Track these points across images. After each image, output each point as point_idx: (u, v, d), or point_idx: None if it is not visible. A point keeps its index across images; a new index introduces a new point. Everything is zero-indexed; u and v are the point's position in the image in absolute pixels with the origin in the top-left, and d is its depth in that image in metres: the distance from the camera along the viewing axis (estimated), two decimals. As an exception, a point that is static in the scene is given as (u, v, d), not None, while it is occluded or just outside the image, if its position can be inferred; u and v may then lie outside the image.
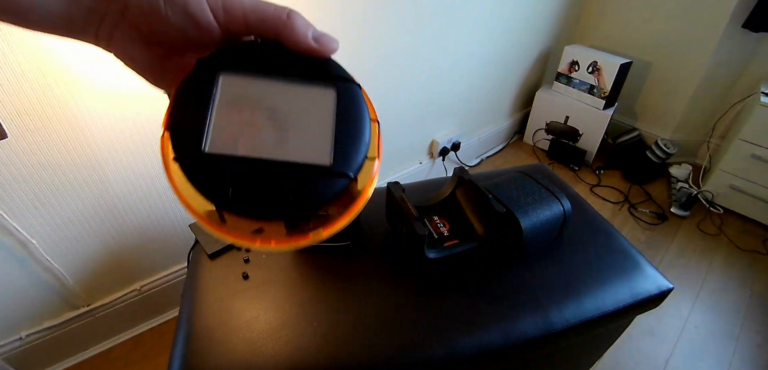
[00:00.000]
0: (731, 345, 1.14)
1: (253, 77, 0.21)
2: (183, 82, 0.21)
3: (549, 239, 0.64)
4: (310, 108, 0.21)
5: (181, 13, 0.19)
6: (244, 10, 0.20)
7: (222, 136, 0.19)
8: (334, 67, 0.22)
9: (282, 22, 0.21)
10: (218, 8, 0.20)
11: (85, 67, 0.71)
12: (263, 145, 0.20)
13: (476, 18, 1.37)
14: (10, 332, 0.87)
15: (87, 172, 0.80)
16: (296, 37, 0.21)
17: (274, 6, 0.21)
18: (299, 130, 0.20)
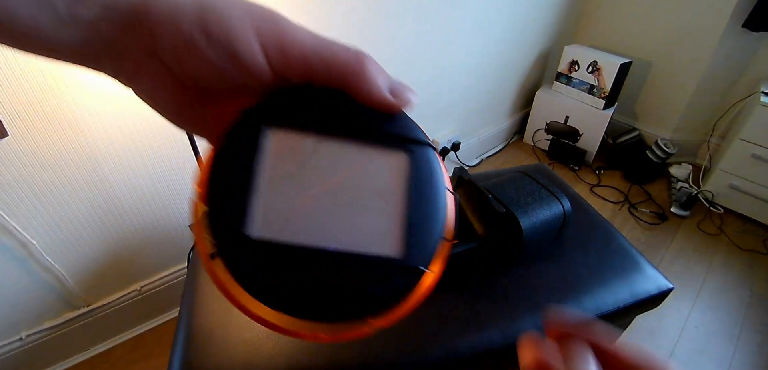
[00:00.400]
0: (731, 345, 1.14)
1: (309, 135, 0.17)
2: (222, 141, 0.17)
3: (549, 238, 0.64)
4: (377, 178, 0.17)
5: (224, 53, 0.16)
6: (305, 53, 0.16)
7: (270, 218, 0.16)
8: (406, 125, 0.18)
9: (352, 69, 0.17)
10: (272, 48, 0.16)
11: (86, 68, 0.70)
12: (320, 230, 0.16)
13: (476, 18, 1.37)
14: (10, 332, 0.87)
15: (87, 172, 0.80)
16: (368, 89, 0.17)
17: (343, 48, 0.17)
18: (364, 209, 0.17)
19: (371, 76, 0.17)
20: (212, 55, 0.16)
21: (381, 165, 0.17)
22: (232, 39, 0.15)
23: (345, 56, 0.17)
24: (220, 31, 0.15)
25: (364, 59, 0.17)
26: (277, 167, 0.16)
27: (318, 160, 0.17)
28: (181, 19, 0.15)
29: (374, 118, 0.18)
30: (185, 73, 0.16)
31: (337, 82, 0.17)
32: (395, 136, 0.18)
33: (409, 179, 0.17)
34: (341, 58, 0.16)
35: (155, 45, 0.16)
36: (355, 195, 0.17)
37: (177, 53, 0.16)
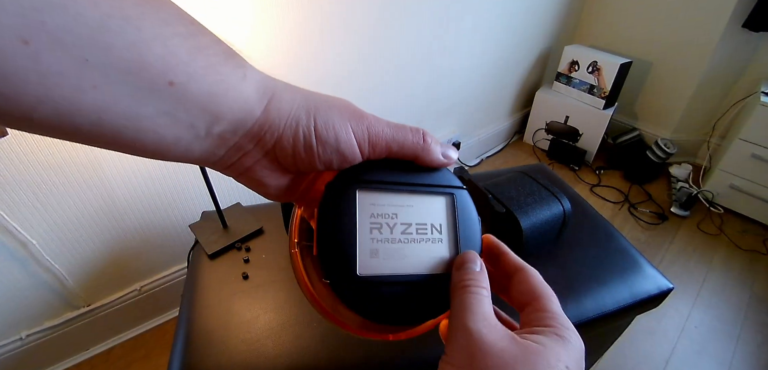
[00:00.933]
0: (731, 345, 1.14)
1: (385, 191, 0.23)
2: (324, 203, 0.22)
3: (549, 239, 0.64)
4: (435, 216, 0.24)
5: (332, 150, 0.20)
6: (387, 142, 0.22)
7: (368, 258, 0.22)
8: (447, 176, 0.25)
9: (420, 147, 0.22)
10: (365, 143, 0.21)
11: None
12: (403, 261, 0.22)
13: (476, 18, 1.37)
14: (10, 332, 0.87)
15: (87, 172, 0.80)
16: (431, 159, 0.23)
17: (411, 133, 0.22)
18: (428, 241, 0.23)
19: (433, 150, 0.23)
20: (322, 153, 0.20)
21: (435, 206, 0.24)
22: (338, 141, 0.20)
23: (413, 139, 0.22)
24: (327, 135, 0.20)
25: (427, 138, 0.23)
26: (366, 219, 0.22)
27: (392, 210, 0.23)
28: (297, 129, 0.20)
29: (423, 171, 0.24)
30: (295, 165, 0.21)
31: (409, 157, 0.23)
32: (442, 185, 0.24)
33: (454, 215, 0.24)
34: (411, 142, 0.22)
35: (275, 150, 0.20)
36: (421, 230, 0.23)
37: (295, 155, 0.20)
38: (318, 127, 0.20)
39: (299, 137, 0.20)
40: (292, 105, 0.20)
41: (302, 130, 0.20)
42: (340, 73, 1.09)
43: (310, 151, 0.20)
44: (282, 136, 0.20)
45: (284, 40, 0.92)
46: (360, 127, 0.21)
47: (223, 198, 1.04)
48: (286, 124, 0.20)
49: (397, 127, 0.22)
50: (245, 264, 0.64)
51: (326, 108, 0.20)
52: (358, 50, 1.09)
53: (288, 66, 0.97)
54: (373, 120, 0.22)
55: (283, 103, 0.20)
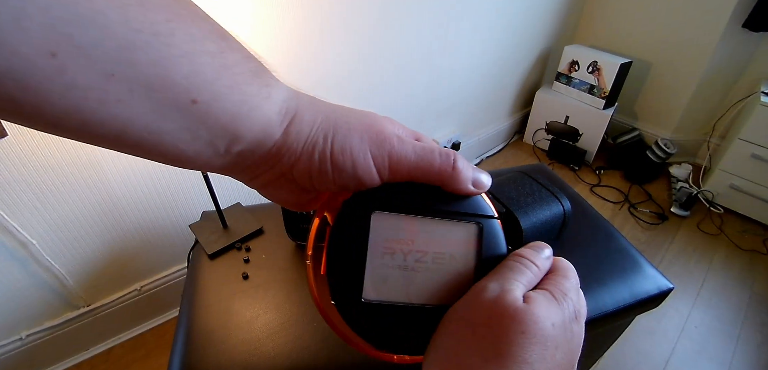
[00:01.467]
0: (731, 345, 1.14)
1: (403, 215, 0.22)
2: (337, 223, 0.21)
3: (549, 238, 0.64)
4: (455, 246, 0.22)
5: (349, 176, 0.20)
6: (410, 168, 0.20)
7: (377, 283, 0.21)
8: (479, 204, 0.23)
9: (448, 174, 0.21)
10: (384, 168, 0.20)
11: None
12: (414, 290, 0.21)
13: (476, 18, 1.37)
14: (10, 332, 0.87)
15: (87, 172, 0.80)
16: (458, 187, 0.21)
17: (439, 157, 0.21)
18: (444, 271, 0.22)
19: (461, 177, 0.21)
20: (338, 178, 0.20)
21: (457, 235, 0.22)
22: (355, 167, 0.20)
23: (440, 164, 0.21)
24: (343, 161, 0.19)
25: (457, 164, 0.21)
26: (379, 243, 0.21)
27: (409, 235, 0.21)
28: (312, 153, 0.19)
29: (453, 199, 0.22)
30: (312, 185, 0.21)
31: (436, 183, 0.21)
32: (469, 213, 0.22)
33: (478, 245, 0.22)
34: (437, 166, 0.21)
35: (292, 172, 0.20)
36: (438, 262, 0.22)
37: (311, 178, 0.20)
38: (334, 152, 0.19)
39: (315, 161, 0.19)
40: (312, 127, 0.20)
41: (318, 154, 0.19)
42: (341, 73, 1.09)
43: (325, 176, 0.20)
44: (299, 160, 0.20)
45: (284, 39, 0.92)
46: (381, 151, 0.20)
47: (223, 198, 1.04)
48: (303, 148, 0.19)
49: (424, 151, 0.21)
50: (245, 264, 0.64)
51: (346, 130, 0.20)
52: (358, 50, 1.09)
53: (288, 66, 0.97)
54: (397, 143, 0.20)
55: (303, 125, 0.19)
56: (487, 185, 0.22)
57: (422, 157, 0.20)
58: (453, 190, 0.21)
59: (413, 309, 0.21)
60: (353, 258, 0.21)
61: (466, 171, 0.21)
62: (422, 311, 0.21)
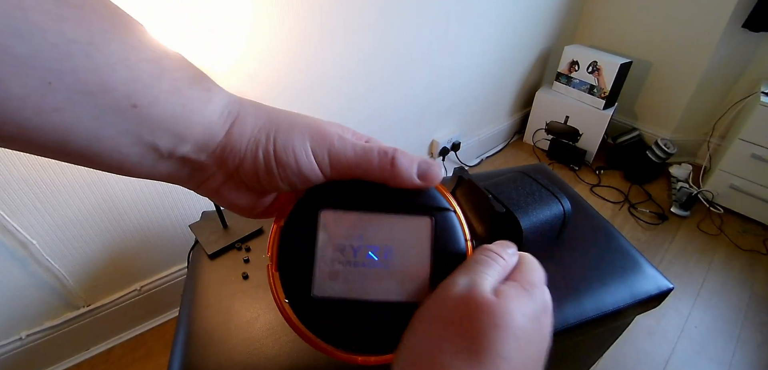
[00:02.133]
0: (731, 345, 1.14)
1: (353, 212, 0.22)
2: (287, 223, 0.22)
3: (549, 238, 0.64)
4: (407, 241, 0.22)
5: (293, 173, 0.20)
6: (349, 165, 0.21)
7: (327, 279, 0.21)
8: (433, 196, 0.23)
9: (387, 172, 0.21)
10: (325, 164, 0.21)
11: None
12: (366, 286, 0.21)
13: (476, 18, 1.37)
14: (10, 332, 0.87)
15: (87, 172, 0.80)
16: (402, 182, 0.21)
17: (378, 155, 0.21)
18: (398, 266, 0.21)
19: (403, 172, 0.21)
20: (282, 174, 0.20)
21: (410, 229, 0.22)
22: (298, 163, 0.20)
23: (380, 163, 0.21)
24: (287, 157, 0.20)
25: (396, 160, 0.21)
26: (329, 240, 0.21)
27: (360, 231, 0.21)
28: (256, 152, 0.20)
29: (406, 195, 0.22)
30: (260, 186, 0.21)
31: (378, 181, 0.21)
32: (423, 205, 0.22)
33: (433, 239, 0.22)
34: (376, 163, 0.21)
35: (239, 173, 0.20)
36: (391, 256, 0.21)
37: (257, 177, 0.20)
38: (277, 149, 0.20)
39: (259, 160, 0.20)
40: (254, 127, 0.20)
41: (261, 153, 0.20)
42: (341, 74, 1.09)
43: (271, 174, 0.20)
44: (244, 159, 0.20)
45: (284, 40, 0.92)
46: (321, 148, 0.21)
47: (223, 198, 1.04)
48: (247, 147, 0.20)
49: (364, 150, 0.21)
50: (245, 264, 0.64)
51: (288, 128, 0.20)
52: (359, 50, 1.09)
53: (288, 66, 0.97)
54: (338, 140, 0.21)
55: (246, 126, 0.20)
56: (437, 177, 0.22)
57: (361, 155, 0.21)
58: (396, 185, 0.21)
59: (367, 305, 0.21)
60: (302, 255, 0.21)
61: (407, 166, 0.21)
62: (377, 306, 0.21)
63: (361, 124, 1.24)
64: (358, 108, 1.20)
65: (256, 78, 0.93)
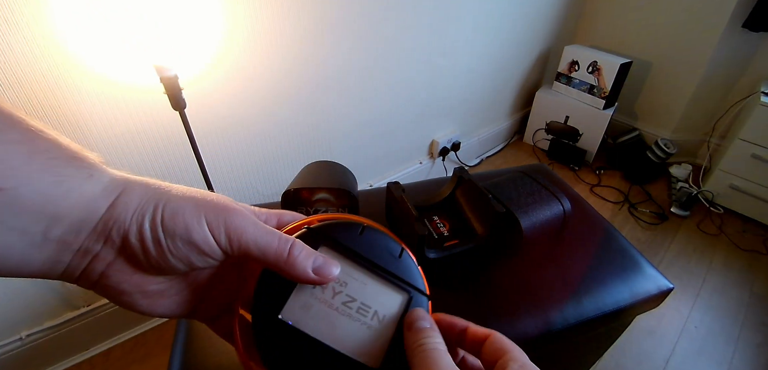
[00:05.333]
0: (731, 345, 1.14)
1: (346, 258, 0.23)
2: (260, 277, 0.22)
3: (549, 238, 0.64)
4: (381, 307, 0.22)
5: (184, 244, 0.19)
6: (247, 242, 0.20)
7: (299, 308, 0.21)
8: (413, 274, 0.24)
9: (283, 260, 0.20)
10: (221, 237, 0.20)
11: (85, 68, 0.71)
12: (331, 331, 0.21)
13: (476, 18, 1.37)
14: (10, 332, 0.87)
15: (87, 172, 0.80)
16: (297, 274, 0.21)
17: (277, 242, 0.20)
18: (364, 327, 0.22)
19: (296, 265, 0.21)
20: (173, 248, 0.19)
21: (386, 297, 0.23)
22: (189, 232, 0.19)
23: (278, 250, 0.20)
24: (175, 225, 0.19)
25: (293, 252, 0.21)
26: (303, 298, 0.22)
27: (344, 276, 0.22)
28: (142, 222, 0.18)
29: (392, 258, 0.23)
30: (148, 265, 0.19)
31: (272, 266, 0.21)
32: (404, 282, 0.23)
33: (402, 315, 0.22)
34: (273, 251, 0.20)
35: (125, 248, 0.19)
36: (362, 311, 0.22)
37: (145, 252, 0.19)
38: (164, 217, 0.18)
39: (145, 230, 0.18)
40: (142, 198, 0.19)
41: (148, 222, 0.18)
42: (340, 75, 1.09)
43: (159, 246, 0.18)
44: (128, 231, 0.18)
45: (284, 41, 0.92)
46: (217, 219, 0.19)
47: (223, 198, 1.04)
48: (132, 217, 0.18)
49: (265, 232, 0.20)
50: (245, 264, 0.63)
51: (178, 199, 0.19)
52: (359, 51, 1.09)
53: (288, 68, 0.97)
54: (237, 216, 0.20)
55: (133, 197, 0.19)
56: (333, 275, 0.22)
57: (262, 236, 0.20)
58: (289, 276, 0.21)
59: (323, 349, 0.21)
60: (277, 293, 0.21)
61: (303, 260, 0.21)
62: (332, 354, 0.21)
63: (361, 124, 1.24)
64: (358, 108, 1.20)
65: (256, 78, 0.93)
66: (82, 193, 0.18)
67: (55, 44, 0.66)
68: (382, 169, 1.44)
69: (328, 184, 0.57)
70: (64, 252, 0.18)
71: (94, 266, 0.19)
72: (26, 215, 0.16)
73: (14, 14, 0.61)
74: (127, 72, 0.74)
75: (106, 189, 0.18)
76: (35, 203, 0.16)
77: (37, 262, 0.17)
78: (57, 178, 0.17)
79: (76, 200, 0.17)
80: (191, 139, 0.76)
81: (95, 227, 0.18)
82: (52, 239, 0.17)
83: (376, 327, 0.22)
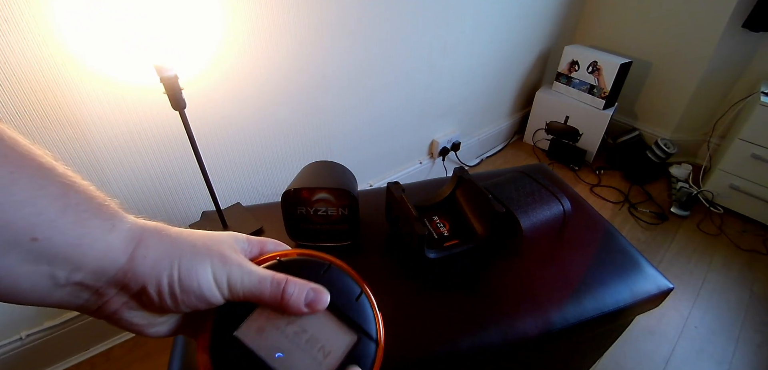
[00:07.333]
0: (731, 345, 1.14)
1: None
2: None
3: (549, 238, 0.64)
4: (328, 343, 0.24)
5: (196, 297, 0.22)
6: (244, 292, 0.23)
7: (253, 329, 0.23)
8: (367, 318, 0.25)
9: (277, 302, 0.23)
10: (224, 289, 0.23)
11: (86, 68, 0.71)
12: (279, 357, 0.23)
13: (476, 18, 1.37)
14: (10, 332, 0.87)
15: (87, 172, 0.80)
16: (292, 309, 0.23)
17: (271, 286, 0.23)
18: (309, 359, 0.23)
19: (290, 304, 0.23)
20: (185, 300, 0.22)
21: (335, 335, 0.24)
22: (201, 287, 0.22)
23: (272, 293, 0.23)
24: (190, 283, 0.22)
25: (286, 293, 0.23)
26: (260, 321, 0.24)
27: (292, 320, 0.24)
28: (160, 279, 0.21)
29: (349, 298, 0.25)
30: (160, 309, 0.22)
31: (271, 306, 0.24)
32: (356, 324, 0.25)
33: (345, 356, 0.24)
34: (268, 296, 0.23)
35: (140, 296, 0.21)
36: (310, 343, 0.24)
37: (161, 302, 0.21)
38: (181, 276, 0.21)
39: (163, 287, 0.21)
40: (157, 253, 0.21)
41: (166, 279, 0.21)
42: (340, 74, 1.09)
43: (175, 299, 0.21)
44: (147, 284, 0.21)
45: (284, 41, 0.92)
46: (221, 273, 0.22)
47: (223, 198, 1.04)
48: (151, 272, 0.21)
49: (259, 279, 0.23)
50: (245, 264, 0.63)
51: (192, 255, 0.22)
52: (359, 51, 1.09)
53: (287, 68, 0.97)
54: (236, 267, 0.23)
55: (149, 250, 0.21)
56: (322, 304, 0.24)
57: (257, 284, 0.23)
58: (289, 313, 0.24)
59: (264, 367, 0.23)
60: (245, 309, 0.23)
61: (296, 297, 0.23)
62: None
63: (361, 124, 1.24)
64: (358, 108, 1.20)
65: (256, 78, 0.93)
66: (105, 244, 0.20)
67: (55, 44, 0.66)
68: (382, 169, 1.45)
69: (328, 184, 0.57)
70: (83, 292, 0.20)
71: (109, 305, 0.21)
72: (55, 262, 0.18)
73: (14, 14, 0.61)
74: (127, 72, 0.74)
75: (125, 240, 0.21)
76: (63, 252, 0.18)
77: (57, 298, 0.19)
78: (85, 230, 0.19)
79: (98, 251, 0.19)
80: (191, 139, 0.76)
81: (114, 276, 0.20)
82: (73, 281, 0.19)
83: (321, 361, 0.23)
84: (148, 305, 0.22)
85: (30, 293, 0.18)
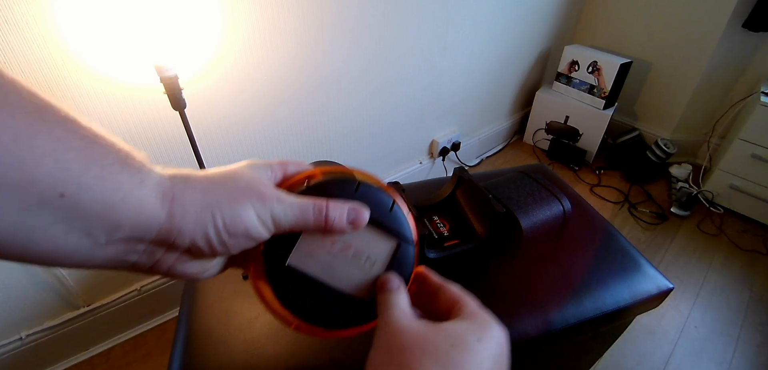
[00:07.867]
0: (731, 345, 1.14)
1: None
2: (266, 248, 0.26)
3: (549, 238, 0.64)
4: (373, 252, 0.26)
5: (245, 240, 0.23)
6: (290, 224, 0.24)
7: (303, 256, 0.25)
8: (402, 224, 0.27)
9: (322, 227, 0.24)
10: (269, 226, 0.23)
11: (86, 68, 0.71)
12: (332, 274, 0.26)
13: (476, 18, 1.37)
14: (10, 332, 0.87)
15: (87, 172, 0.80)
16: (337, 231, 0.25)
17: (314, 213, 0.24)
18: (358, 270, 0.26)
19: (335, 226, 0.25)
20: (233, 243, 0.22)
21: (378, 244, 0.27)
22: (248, 231, 0.22)
23: (315, 221, 0.24)
24: (237, 229, 0.22)
25: (330, 216, 0.24)
26: (308, 246, 0.26)
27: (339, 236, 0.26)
28: (207, 231, 0.21)
29: (383, 210, 0.27)
30: (212, 255, 0.23)
31: (313, 232, 0.25)
32: (394, 231, 0.27)
33: (391, 259, 0.27)
34: (312, 223, 0.24)
35: (191, 250, 0.22)
36: (357, 256, 0.26)
37: (211, 251, 0.22)
38: (227, 225, 0.22)
39: (211, 236, 0.21)
40: (195, 207, 0.21)
41: (212, 231, 0.21)
42: (340, 74, 1.09)
43: (224, 245, 0.22)
44: (195, 239, 0.21)
45: (283, 41, 0.92)
46: (264, 212, 0.23)
47: (223, 198, 1.04)
48: (194, 228, 0.21)
49: (301, 209, 0.24)
50: (245, 264, 0.63)
51: (230, 202, 0.22)
52: (359, 51, 1.09)
53: (287, 68, 0.97)
54: (277, 203, 0.23)
55: (186, 205, 0.21)
56: (365, 220, 0.25)
57: (300, 214, 0.24)
58: (331, 234, 0.25)
59: (325, 288, 0.26)
60: (285, 245, 0.25)
61: (339, 219, 0.25)
62: (333, 292, 0.26)
63: (361, 125, 1.24)
64: (358, 108, 1.20)
65: (256, 78, 0.93)
66: (137, 200, 0.19)
67: (55, 44, 0.66)
68: (382, 169, 1.45)
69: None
70: (131, 252, 0.20)
71: (162, 263, 0.22)
72: (90, 219, 0.18)
73: (14, 14, 0.61)
74: (127, 72, 0.74)
75: (158, 195, 0.20)
76: (96, 209, 0.18)
77: (102, 259, 0.19)
78: (113, 185, 0.18)
79: (132, 207, 0.19)
80: (191, 138, 0.76)
81: (158, 235, 0.20)
82: (116, 240, 0.19)
83: (368, 270, 0.26)
84: (198, 255, 0.22)
85: (73, 254, 0.18)
